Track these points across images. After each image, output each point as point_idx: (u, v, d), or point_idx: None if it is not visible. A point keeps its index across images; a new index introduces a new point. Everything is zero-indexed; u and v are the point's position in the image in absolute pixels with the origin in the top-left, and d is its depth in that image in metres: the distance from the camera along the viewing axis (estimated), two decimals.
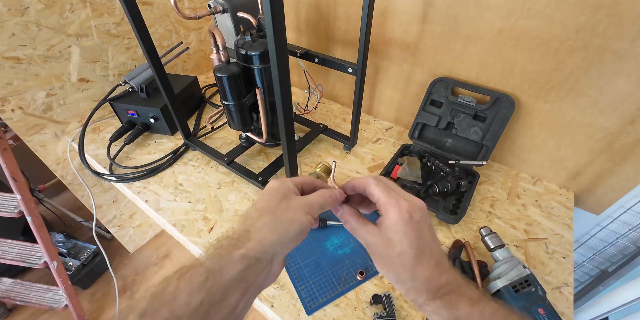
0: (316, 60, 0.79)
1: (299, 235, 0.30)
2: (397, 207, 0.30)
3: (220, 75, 0.64)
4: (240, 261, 0.26)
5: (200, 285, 0.24)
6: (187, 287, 0.24)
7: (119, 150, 0.86)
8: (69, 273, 1.24)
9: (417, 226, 0.30)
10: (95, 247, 1.34)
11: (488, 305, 0.28)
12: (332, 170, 0.41)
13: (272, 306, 0.57)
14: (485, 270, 0.60)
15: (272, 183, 0.33)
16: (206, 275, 0.25)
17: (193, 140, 0.87)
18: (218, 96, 0.91)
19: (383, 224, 0.31)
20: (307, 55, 0.80)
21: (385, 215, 0.31)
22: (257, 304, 0.60)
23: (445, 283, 0.29)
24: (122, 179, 0.80)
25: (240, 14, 0.67)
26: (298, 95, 1.13)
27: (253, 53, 0.65)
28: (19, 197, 0.88)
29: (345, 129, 0.94)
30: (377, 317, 0.54)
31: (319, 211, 0.32)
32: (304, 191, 0.35)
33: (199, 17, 0.61)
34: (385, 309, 0.55)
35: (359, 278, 0.60)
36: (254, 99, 0.71)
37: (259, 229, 0.28)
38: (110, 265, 1.11)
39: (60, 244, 1.32)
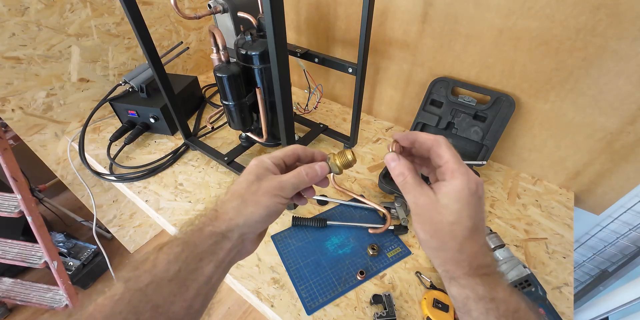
0: (316, 60, 0.79)
1: (266, 218, 0.31)
2: (466, 175, 0.28)
3: (220, 75, 0.64)
4: (210, 237, 0.28)
5: (177, 256, 0.26)
6: (165, 257, 0.26)
7: (119, 150, 0.86)
8: (69, 273, 1.24)
9: (479, 201, 0.29)
10: (95, 247, 1.34)
11: (524, 300, 0.28)
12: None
13: (272, 306, 0.57)
14: None
15: (251, 162, 0.33)
16: (182, 247, 0.27)
17: (193, 140, 0.87)
18: (218, 96, 0.91)
19: (444, 189, 0.29)
20: (307, 55, 0.80)
21: (450, 180, 0.29)
22: (257, 304, 0.60)
23: (489, 264, 0.29)
24: (122, 178, 0.80)
25: (240, 14, 0.67)
26: (298, 95, 1.13)
27: (253, 53, 0.65)
28: (19, 197, 0.88)
29: (346, 128, 0.94)
30: (377, 317, 0.54)
31: (292, 191, 0.32)
32: (287, 165, 0.35)
33: (199, 17, 0.61)
34: (385, 309, 0.55)
35: (359, 278, 0.60)
36: (254, 99, 0.71)
37: (227, 210, 0.30)
38: (111, 265, 1.11)
39: (61, 244, 1.32)
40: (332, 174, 0.35)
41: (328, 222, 0.69)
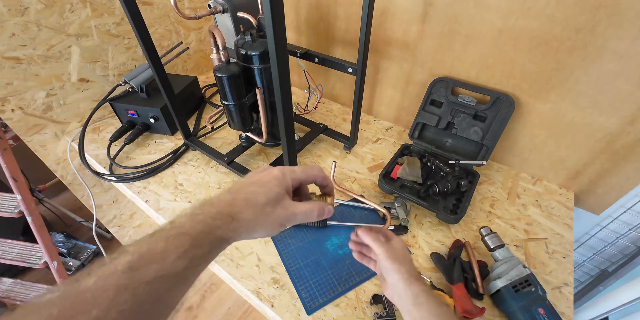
0: (316, 60, 0.79)
1: (262, 237, 0.36)
2: (394, 237, 0.51)
3: (220, 75, 0.64)
4: (217, 241, 0.30)
5: (186, 252, 0.28)
6: (175, 251, 0.27)
7: (119, 150, 0.86)
8: (69, 273, 1.24)
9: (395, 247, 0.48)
10: (95, 247, 1.34)
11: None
12: (332, 170, 0.43)
13: (272, 306, 0.57)
14: (485, 270, 0.60)
15: (275, 172, 0.36)
16: (191, 244, 0.28)
17: (193, 140, 0.87)
18: (218, 96, 0.91)
19: (390, 242, 0.49)
20: (307, 55, 0.80)
21: (390, 240, 0.50)
22: (257, 304, 0.60)
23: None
24: (122, 179, 0.80)
25: (240, 14, 0.67)
26: (298, 95, 1.13)
27: (253, 53, 0.65)
28: (19, 197, 0.88)
29: (345, 128, 0.94)
30: (377, 317, 0.54)
31: (297, 222, 0.36)
32: (302, 185, 0.39)
33: (199, 17, 0.61)
34: (385, 309, 0.55)
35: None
36: (254, 99, 0.71)
37: (239, 220, 0.32)
38: None
39: (61, 244, 1.33)
40: (332, 171, 0.40)
41: (328, 222, 0.69)
